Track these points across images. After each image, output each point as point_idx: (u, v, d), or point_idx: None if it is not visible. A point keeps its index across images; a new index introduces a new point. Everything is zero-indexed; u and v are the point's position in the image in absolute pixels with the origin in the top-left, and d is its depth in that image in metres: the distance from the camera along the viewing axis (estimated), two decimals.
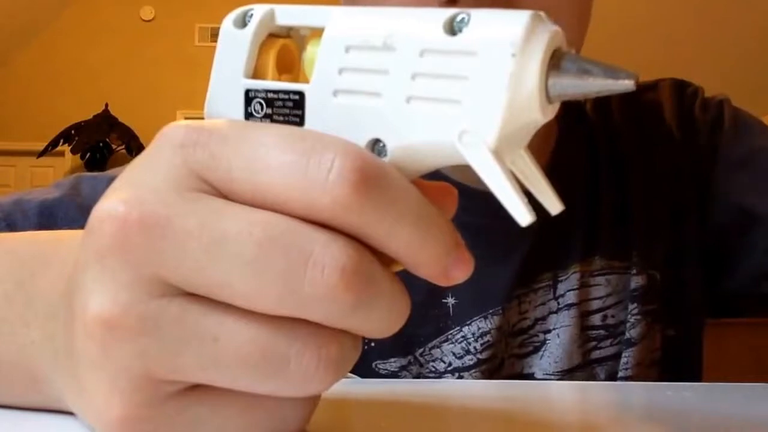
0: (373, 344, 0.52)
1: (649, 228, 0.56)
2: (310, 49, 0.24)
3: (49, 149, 4.73)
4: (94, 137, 4.77)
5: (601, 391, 0.44)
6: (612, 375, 0.54)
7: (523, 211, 0.21)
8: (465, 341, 0.52)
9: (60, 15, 5.11)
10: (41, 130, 4.82)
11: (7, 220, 0.49)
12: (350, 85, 0.22)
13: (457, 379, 0.52)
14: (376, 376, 0.52)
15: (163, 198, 0.21)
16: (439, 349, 0.53)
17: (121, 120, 4.85)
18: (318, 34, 0.24)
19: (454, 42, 0.21)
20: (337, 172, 0.20)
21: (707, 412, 0.35)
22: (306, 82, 0.23)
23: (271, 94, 0.24)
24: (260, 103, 0.24)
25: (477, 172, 0.21)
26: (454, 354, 0.52)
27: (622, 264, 0.55)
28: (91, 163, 4.71)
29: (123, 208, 0.21)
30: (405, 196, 0.21)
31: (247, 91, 0.24)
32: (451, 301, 0.53)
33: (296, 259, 0.20)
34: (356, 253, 0.21)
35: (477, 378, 0.52)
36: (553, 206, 0.22)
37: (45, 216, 0.50)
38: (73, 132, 4.76)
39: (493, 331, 0.52)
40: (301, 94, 0.23)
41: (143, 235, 0.21)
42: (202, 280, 0.21)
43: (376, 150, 0.22)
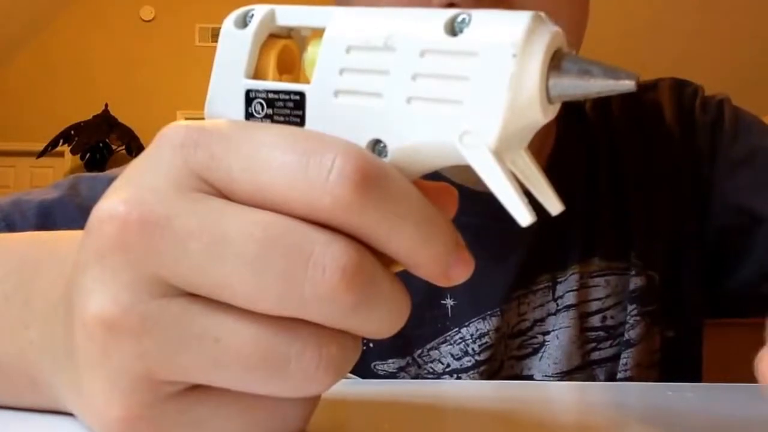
0: (372, 345, 0.52)
1: (649, 228, 0.56)
2: (311, 50, 0.24)
3: (49, 150, 4.73)
4: (93, 137, 4.77)
5: (601, 391, 0.43)
6: (611, 376, 0.54)
7: (524, 211, 0.21)
8: (463, 342, 0.52)
9: (60, 15, 5.11)
10: (41, 131, 4.82)
11: (6, 220, 0.49)
12: (351, 85, 0.22)
13: (456, 380, 0.52)
14: (375, 376, 0.52)
15: (163, 198, 0.21)
16: (437, 351, 0.52)
17: (121, 120, 4.85)
18: (319, 35, 0.24)
19: (455, 42, 0.21)
20: (338, 172, 0.20)
21: (708, 413, 0.35)
22: (307, 83, 0.23)
23: (271, 95, 0.24)
24: (261, 103, 0.24)
25: (477, 172, 0.21)
26: (453, 355, 0.52)
27: (621, 265, 0.55)
28: (91, 164, 4.71)
29: (123, 208, 0.21)
30: (406, 197, 0.21)
31: (248, 92, 0.24)
32: (450, 303, 0.53)
33: (297, 259, 0.20)
34: (357, 254, 0.21)
35: (475, 380, 0.52)
36: (553, 207, 0.22)
37: (44, 216, 0.50)
38: (73, 132, 4.76)
39: (491, 333, 0.52)
40: (302, 95, 0.23)
41: (143, 235, 0.21)
42: (203, 280, 0.21)
43: (377, 150, 0.22)
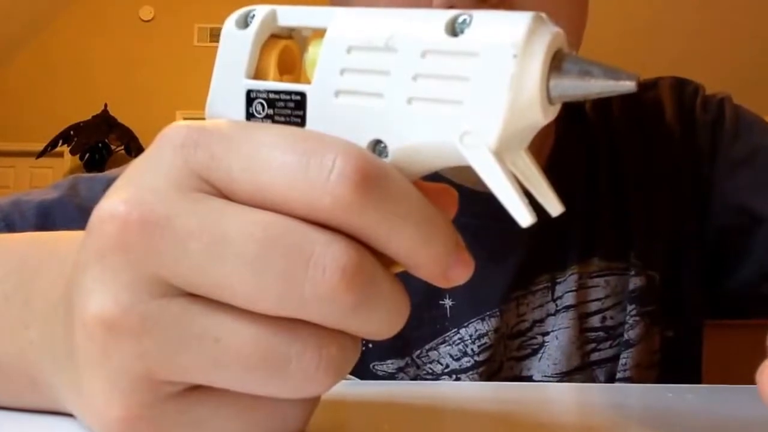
0: (371, 345, 0.52)
1: (649, 228, 0.56)
2: (312, 50, 0.24)
3: (48, 150, 4.73)
4: (93, 138, 4.77)
5: (600, 393, 0.43)
6: (611, 377, 0.54)
7: (524, 212, 0.21)
8: (462, 343, 0.52)
9: (59, 15, 5.11)
10: (40, 131, 4.81)
11: (6, 220, 0.49)
12: (352, 85, 0.22)
13: (455, 381, 0.52)
14: (374, 377, 0.52)
15: (163, 198, 0.21)
16: (436, 351, 0.52)
17: (121, 120, 4.84)
18: (320, 35, 0.24)
19: (456, 43, 0.21)
20: (338, 172, 0.20)
21: (708, 415, 0.35)
22: (307, 83, 0.23)
23: (272, 95, 0.24)
24: (261, 103, 0.24)
25: (478, 173, 0.21)
26: (452, 356, 0.52)
27: (620, 265, 0.55)
28: (90, 164, 4.70)
29: (124, 208, 0.21)
30: (406, 197, 0.21)
31: (249, 92, 0.24)
32: (449, 303, 0.53)
33: (297, 259, 0.20)
34: (357, 254, 0.21)
35: (475, 380, 0.52)
36: (553, 207, 0.22)
37: (43, 216, 0.50)
38: (72, 133, 4.75)
39: (490, 333, 0.52)
40: (303, 95, 0.23)
41: (144, 235, 0.21)
42: (203, 280, 0.21)
43: (377, 151, 0.22)
